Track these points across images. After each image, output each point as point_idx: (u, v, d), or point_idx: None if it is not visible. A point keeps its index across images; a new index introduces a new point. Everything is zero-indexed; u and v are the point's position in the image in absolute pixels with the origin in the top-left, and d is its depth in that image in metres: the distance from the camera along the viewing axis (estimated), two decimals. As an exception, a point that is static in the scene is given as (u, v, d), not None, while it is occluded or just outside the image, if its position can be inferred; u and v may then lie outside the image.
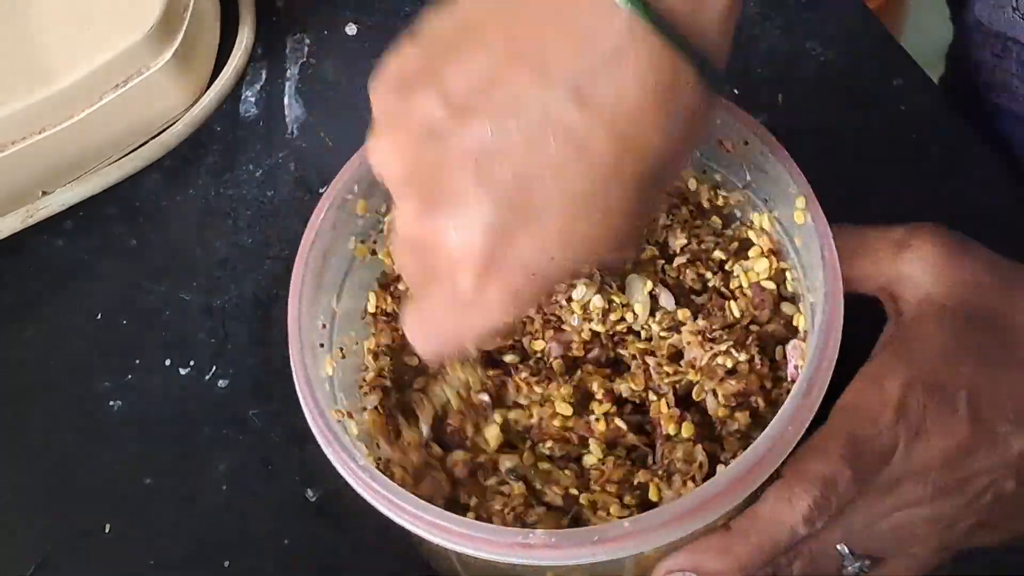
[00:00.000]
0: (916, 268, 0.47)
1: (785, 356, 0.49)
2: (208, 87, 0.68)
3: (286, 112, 0.68)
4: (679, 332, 0.50)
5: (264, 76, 0.69)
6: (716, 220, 0.53)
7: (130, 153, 0.66)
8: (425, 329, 0.42)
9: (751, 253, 0.51)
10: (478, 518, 0.47)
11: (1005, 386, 0.45)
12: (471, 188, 0.37)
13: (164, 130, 0.67)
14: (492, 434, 0.49)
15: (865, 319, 0.47)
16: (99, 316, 0.63)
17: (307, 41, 0.70)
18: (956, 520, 0.45)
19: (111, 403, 0.60)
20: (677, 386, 0.49)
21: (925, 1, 1.38)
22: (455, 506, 0.48)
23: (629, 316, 0.50)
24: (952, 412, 0.44)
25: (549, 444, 0.48)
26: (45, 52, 0.64)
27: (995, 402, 0.44)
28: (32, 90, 0.62)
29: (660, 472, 0.47)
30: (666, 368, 0.49)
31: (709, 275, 0.51)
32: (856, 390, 0.44)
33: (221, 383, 0.60)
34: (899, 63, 0.64)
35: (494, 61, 0.38)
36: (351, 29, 0.70)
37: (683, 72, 0.37)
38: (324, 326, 0.50)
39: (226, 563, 0.55)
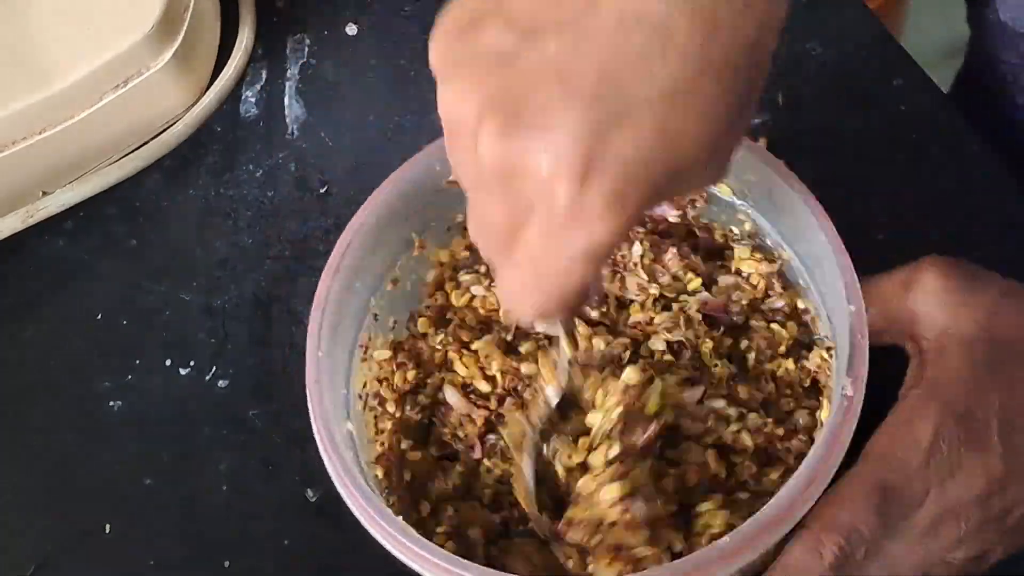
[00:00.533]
0: (928, 306, 0.46)
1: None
2: (208, 87, 0.68)
3: (286, 112, 0.68)
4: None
5: (264, 76, 0.69)
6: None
7: (130, 153, 0.66)
8: (525, 278, 0.38)
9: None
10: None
11: None
12: (556, 97, 0.35)
13: (164, 130, 0.67)
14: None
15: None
16: (99, 316, 0.63)
17: (307, 41, 0.70)
18: (991, 552, 0.45)
19: (111, 403, 0.60)
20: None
21: (925, 1, 1.38)
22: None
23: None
24: (985, 446, 0.43)
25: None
26: (45, 52, 0.64)
27: None
28: (32, 90, 0.62)
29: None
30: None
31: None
32: (886, 436, 0.44)
33: (221, 383, 0.60)
34: (899, 63, 0.64)
35: None
36: (351, 29, 0.70)
37: None
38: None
39: (226, 563, 0.55)
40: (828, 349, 0.50)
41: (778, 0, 0.37)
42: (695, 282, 0.53)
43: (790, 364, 0.51)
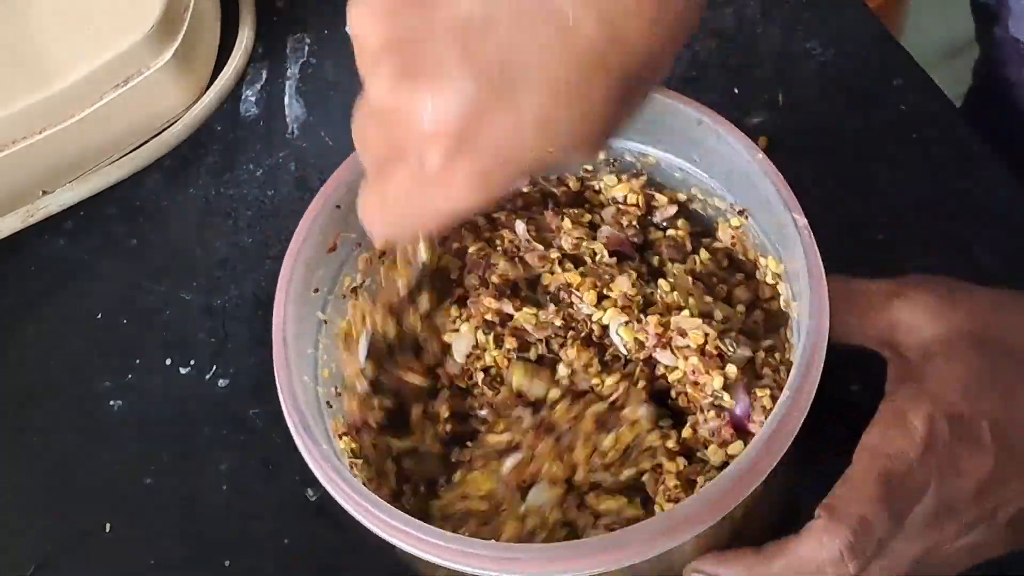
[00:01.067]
0: (912, 314, 0.46)
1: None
2: (208, 87, 0.68)
3: (286, 112, 0.68)
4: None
5: (264, 76, 0.69)
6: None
7: (130, 153, 0.66)
8: (384, 208, 0.40)
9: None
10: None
11: None
12: (454, 60, 0.36)
13: (164, 130, 0.67)
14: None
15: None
16: (99, 316, 0.63)
17: (307, 41, 0.70)
18: (983, 547, 0.46)
19: (111, 403, 0.60)
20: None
21: (925, 1, 1.38)
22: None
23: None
24: (978, 445, 0.44)
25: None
26: (45, 52, 0.64)
27: (1018, 428, 0.44)
28: (32, 90, 0.62)
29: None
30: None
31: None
32: (880, 428, 0.44)
33: (221, 383, 0.60)
34: (899, 63, 0.64)
35: None
36: (351, 29, 0.70)
37: None
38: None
39: (226, 563, 0.55)
40: (741, 213, 0.50)
41: (683, 23, 0.38)
42: (581, 231, 0.53)
43: (703, 255, 0.51)
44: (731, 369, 0.47)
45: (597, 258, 0.52)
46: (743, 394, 0.47)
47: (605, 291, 0.50)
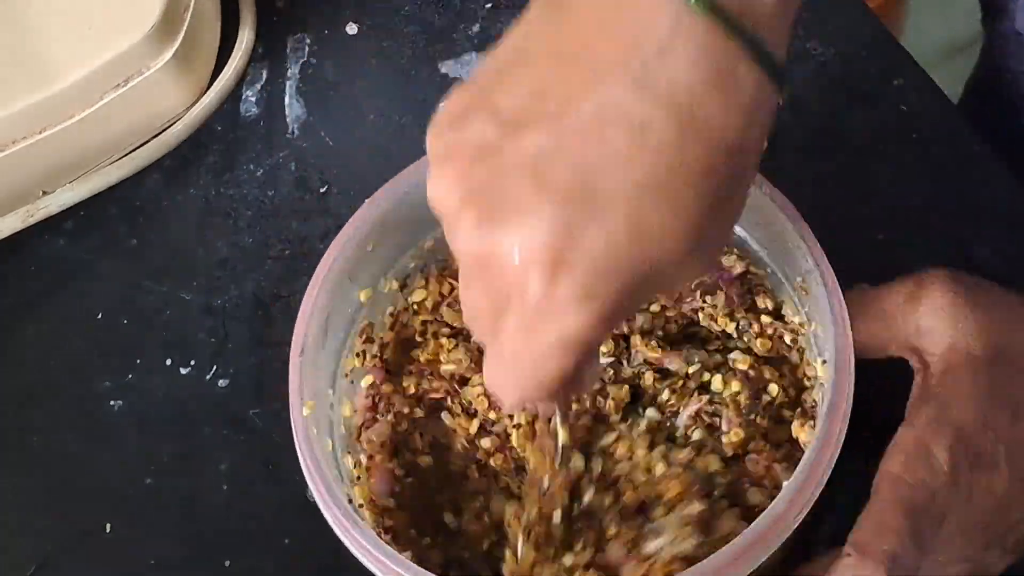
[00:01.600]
0: (934, 320, 0.46)
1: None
2: (208, 87, 0.68)
3: (287, 112, 0.68)
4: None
5: (265, 76, 0.69)
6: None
7: (130, 153, 0.66)
8: (506, 368, 0.39)
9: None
10: None
11: None
12: (531, 192, 0.36)
13: (164, 130, 0.67)
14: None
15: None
16: (99, 316, 0.63)
17: (308, 41, 0.70)
18: (992, 567, 0.46)
19: (111, 403, 0.60)
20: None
21: (925, 1, 1.38)
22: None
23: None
24: (993, 468, 0.44)
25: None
26: (45, 52, 0.64)
27: None
28: (32, 90, 0.62)
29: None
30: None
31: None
32: (902, 458, 0.44)
33: (222, 383, 0.60)
34: (899, 63, 0.64)
35: (542, 74, 0.37)
36: (352, 29, 0.70)
37: (738, 56, 0.36)
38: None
39: (227, 563, 0.55)
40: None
41: (760, 103, 0.37)
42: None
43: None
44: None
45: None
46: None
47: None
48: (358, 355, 0.53)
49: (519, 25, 0.39)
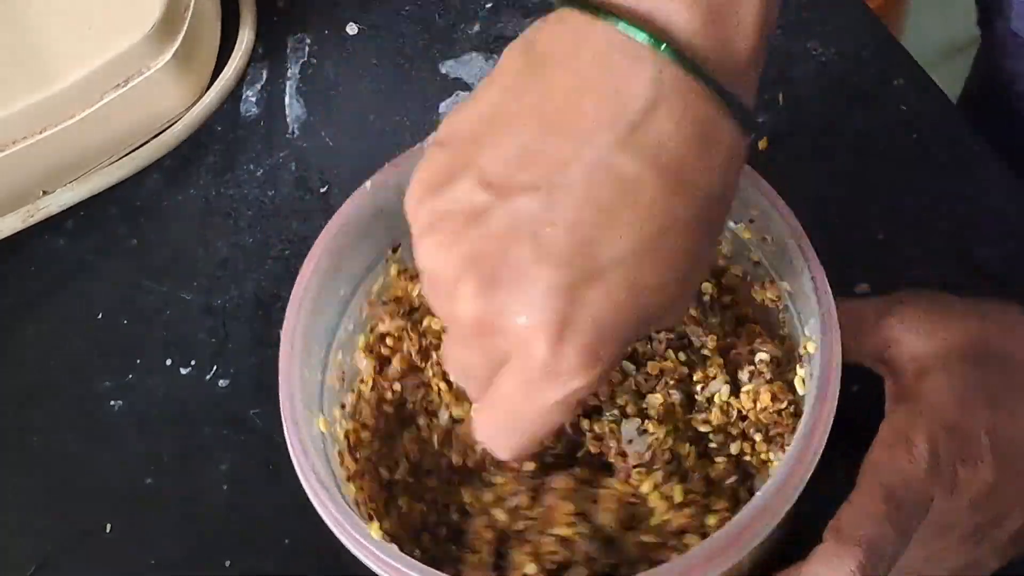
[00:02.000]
0: (904, 331, 0.47)
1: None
2: (209, 87, 0.68)
3: (287, 112, 0.68)
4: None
5: (265, 76, 0.69)
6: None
7: (130, 153, 0.66)
8: (501, 420, 0.40)
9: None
10: None
11: (1022, 420, 0.45)
12: (530, 257, 0.36)
13: (164, 130, 0.67)
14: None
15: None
16: (99, 316, 0.63)
17: (308, 41, 0.70)
18: (981, 561, 0.46)
19: (112, 403, 0.60)
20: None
21: (925, 1, 1.38)
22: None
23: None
24: (977, 459, 0.44)
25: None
26: (45, 52, 0.64)
27: (1015, 439, 0.44)
28: (32, 90, 0.62)
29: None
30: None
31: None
32: (883, 448, 0.44)
33: (222, 383, 0.60)
34: (899, 63, 0.64)
35: (528, 137, 0.37)
36: (352, 29, 0.70)
37: (717, 112, 0.37)
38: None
39: (227, 563, 0.55)
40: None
41: (738, 156, 0.38)
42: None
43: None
44: None
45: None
46: None
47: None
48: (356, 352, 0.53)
49: (491, 83, 0.39)
